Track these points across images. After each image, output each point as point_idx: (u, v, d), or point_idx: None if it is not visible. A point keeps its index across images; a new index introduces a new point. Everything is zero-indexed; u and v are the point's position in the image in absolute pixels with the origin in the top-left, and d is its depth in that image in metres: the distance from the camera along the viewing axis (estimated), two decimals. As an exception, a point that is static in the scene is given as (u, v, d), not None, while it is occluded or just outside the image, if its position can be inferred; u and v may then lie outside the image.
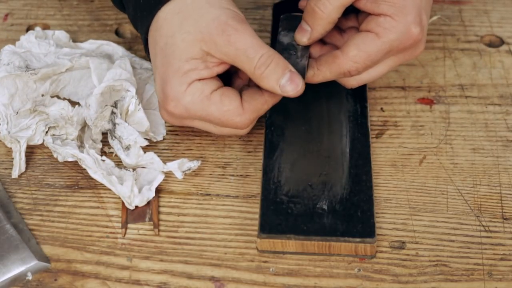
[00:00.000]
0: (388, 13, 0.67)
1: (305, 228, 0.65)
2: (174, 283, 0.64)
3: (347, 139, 0.71)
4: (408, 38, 0.68)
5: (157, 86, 0.69)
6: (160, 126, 0.74)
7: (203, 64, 0.67)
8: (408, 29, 0.68)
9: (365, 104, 0.74)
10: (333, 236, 0.64)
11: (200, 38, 0.67)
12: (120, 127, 0.71)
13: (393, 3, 0.67)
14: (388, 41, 0.68)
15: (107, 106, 0.71)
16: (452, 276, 0.64)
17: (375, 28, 0.68)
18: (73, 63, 0.74)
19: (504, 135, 0.75)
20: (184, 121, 0.70)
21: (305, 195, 0.67)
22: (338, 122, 0.73)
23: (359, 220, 0.65)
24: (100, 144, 0.72)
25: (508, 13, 0.86)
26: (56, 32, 0.80)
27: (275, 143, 0.71)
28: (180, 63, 0.67)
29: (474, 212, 0.69)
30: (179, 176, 0.71)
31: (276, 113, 0.73)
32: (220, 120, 0.68)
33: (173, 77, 0.67)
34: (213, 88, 0.68)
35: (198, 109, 0.68)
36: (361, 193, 0.67)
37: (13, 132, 0.71)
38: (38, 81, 0.74)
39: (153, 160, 0.70)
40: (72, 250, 0.66)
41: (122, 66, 0.73)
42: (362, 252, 0.65)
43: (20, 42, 0.78)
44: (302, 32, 0.70)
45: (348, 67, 0.68)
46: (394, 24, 0.67)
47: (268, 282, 0.64)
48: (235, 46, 0.66)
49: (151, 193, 0.69)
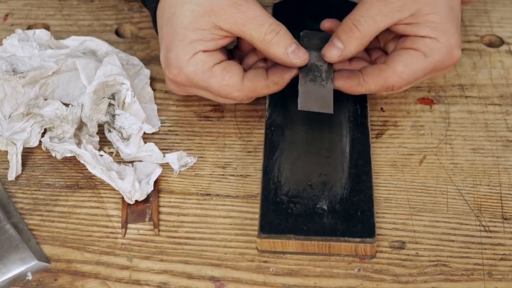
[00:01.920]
0: (433, 36, 0.70)
1: (305, 228, 0.65)
2: (174, 283, 0.64)
3: (347, 139, 0.71)
4: (450, 59, 0.71)
5: (162, 54, 0.71)
6: (154, 118, 0.75)
7: (209, 36, 0.69)
8: (451, 51, 0.71)
9: (365, 104, 0.74)
10: (333, 236, 0.64)
11: (210, 10, 0.68)
12: (120, 118, 0.71)
13: (436, 26, 0.70)
14: (433, 61, 0.70)
15: (104, 98, 0.71)
16: (452, 276, 0.64)
17: (422, 48, 0.70)
18: (60, 65, 0.74)
19: (504, 135, 0.75)
20: (188, 89, 0.72)
21: (305, 195, 0.67)
22: (338, 122, 0.73)
23: (359, 220, 0.65)
24: (97, 137, 0.72)
25: (508, 13, 0.86)
26: (37, 31, 0.79)
27: (275, 143, 0.71)
28: (187, 32, 0.69)
29: (474, 212, 0.69)
30: (176, 168, 0.71)
31: (276, 113, 0.73)
32: (219, 92, 0.70)
33: (177, 45, 0.69)
34: (216, 61, 0.70)
35: (199, 79, 0.70)
36: (361, 193, 0.67)
37: (7, 135, 0.71)
38: (26, 85, 0.74)
39: (152, 151, 0.71)
40: (72, 250, 0.66)
41: (111, 62, 0.74)
42: (362, 252, 0.65)
43: (3, 47, 0.78)
44: (334, 49, 0.71)
45: (393, 82, 0.70)
46: (440, 46, 0.70)
47: (268, 282, 0.64)
48: (245, 15, 0.68)
49: (150, 186, 0.69)
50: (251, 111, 0.77)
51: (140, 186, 0.68)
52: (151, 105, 0.76)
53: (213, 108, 0.77)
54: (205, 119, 0.76)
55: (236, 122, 0.76)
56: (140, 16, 0.86)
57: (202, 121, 0.76)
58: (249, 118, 0.76)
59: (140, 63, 0.78)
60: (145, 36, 0.84)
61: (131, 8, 0.87)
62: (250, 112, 0.77)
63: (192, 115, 0.76)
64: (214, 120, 0.76)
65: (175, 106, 0.77)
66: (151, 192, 0.70)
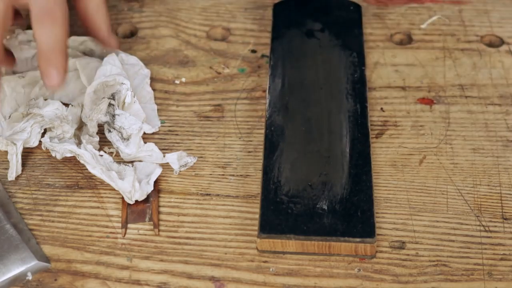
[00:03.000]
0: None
1: (305, 228, 0.65)
2: (174, 283, 0.64)
3: (347, 139, 0.71)
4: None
5: None
6: (154, 118, 0.75)
7: None
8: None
9: (365, 104, 0.74)
10: (333, 236, 0.64)
11: None
12: (120, 118, 0.71)
13: None
14: None
15: (104, 98, 0.71)
16: (452, 276, 0.64)
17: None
18: None
19: (504, 135, 0.75)
20: None
21: (305, 195, 0.67)
22: (338, 122, 0.73)
23: (359, 220, 0.65)
24: (97, 137, 0.72)
25: (508, 13, 0.86)
26: None
27: (275, 143, 0.71)
28: None
29: (474, 212, 0.69)
30: (176, 168, 0.71)
31: (276, 113, 0.73)
32: None
33: None
34: None
35: None
36: (361, 193, 0.67)
37: (7, 135, 0.71)
38: (26, 85, 0.74)
39: (152, 151, 0.71)
40: (72, 250, 0.66)
41: (111, 62, 0.74)
42: (362, 252, 0.65)
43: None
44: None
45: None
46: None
47: (268, 282, 0.64)
48: None
49: (150, 187, 0.69)
50: (251, 111, 0.77)
51: (140, 186, 0.69)
52: (151, 105, 0.76)
53: (213, 108, 0.77)
54: (205, 119, 0.76)
55: (236, 122, 0.76)
56: (140, 16, 0.86)
57: (202, 121, 0.76)
58: (249, 118, 0.76)
59: (140, 62, 0.78)
60: (145, 36, 0.84)
61: (131, 8, 0.87)
62: (250, 112, 0.77)
63: (192, 115, 0.76)
64: (214, 120, 0.76)
65: (175, 106, 0.77)
66: (151, 192, 0.70)
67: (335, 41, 0.80)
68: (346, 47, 0.79)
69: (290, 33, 0.81)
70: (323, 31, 0.80)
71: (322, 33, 0.81)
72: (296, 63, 0.78)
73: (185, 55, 0.82)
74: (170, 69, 0.81)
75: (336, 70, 0.77)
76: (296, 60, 0.78)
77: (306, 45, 0.80)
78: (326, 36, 0.80)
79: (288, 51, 0.79)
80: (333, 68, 0.77)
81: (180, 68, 0.81)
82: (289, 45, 0.80)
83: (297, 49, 0.79)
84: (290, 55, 0.79)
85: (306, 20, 0.82)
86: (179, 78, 0.80)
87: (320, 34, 0.81)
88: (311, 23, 0.81)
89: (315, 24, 0.81)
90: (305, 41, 0.80)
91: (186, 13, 0.87)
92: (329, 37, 0.80)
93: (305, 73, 0.77)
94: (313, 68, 0.77)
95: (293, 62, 0.78)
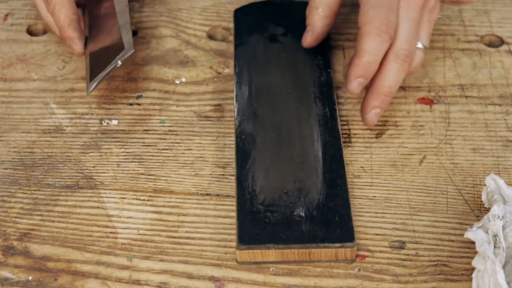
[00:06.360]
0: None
1: (284, 236, 0.64)
2: (174, 283, 0.64)
3: (319, 143, 0.71)
4: None
5: None
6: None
7: None
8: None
9: (334, 106, 0.73)
10: (312, 243, 0.64)
11: None
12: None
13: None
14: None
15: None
16: (452, 276, 0.64)
17: None
18: None
19: (504, 135, 0.75)
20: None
21: (281, 203, 0.66)
22: (309, 127, 0.72)
23: (337, 225, 0.65)
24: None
25: (508, 13, 0.86)
26: None
27: (247, 152, 0.70)
28: None
29: (474, 212, 0.69)
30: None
31: (245, 121, 0.72)
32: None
33: None
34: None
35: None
36: (337, 198, 0.66)
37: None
38: None
39: None
40: (72, 250, 0.66)
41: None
42: (342, 257, 0.64)
43: None
44: (305, 34, 0.77)
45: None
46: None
47: (268, 282, 0.64)
48: None
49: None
50: (251, 111, 0.77)
51: None
52: None
53: (213, 108, 0.77)
54: (205, 119, 0.76)
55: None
56: (140, 16, 0.86)
57: (202, 121, 0.76)
58: (249, 118, 0.76)
59: None
60: (145, 36, 0.84)
61: (131, 8, 0.87)
62: (250, 112, 0.77)
63: (192, 115, 0.76)
64: (214, 120, 0.76)
65: (175, 106, 0.77)
66: None
67: (298, 44, 0.79)
68: (310, 50, 0.79)
69: (253, 39, 0.80)
70: (286, 35, 0.80)
71: (285, 37, 0.80)
72: (261, 69, 0.77)
73: (185, 55, 0.82)
74: (170, 69, 0.81)
75: (302, 74, 0.77)
76: (262, 66, 0.77)
77: (270, 50, 0.79)
78: (290, 40, 0.80)
79: (253, 57, 0.78)
80: (299, 72, 0.77)
81: (180, 68, 0.81)
82: (253, 51, 0.79)
83: (262, 55, 0.78)
84: (255, 61, 0.78)
85: (269, 24, 0.81)
86: (179, 78, 0.80)
87: (283, 38, 0.80)
88: (273, 28, 0.81)
89: (278, 29, 0.81)
90: (269, 46, 0.79)
91: (186, 13, 0.87)
92: (293, 41, 0.79)
93: (271, 79, 0.76)
94: (279, 73, 0.77)
95: (259, 68, 0.77)
